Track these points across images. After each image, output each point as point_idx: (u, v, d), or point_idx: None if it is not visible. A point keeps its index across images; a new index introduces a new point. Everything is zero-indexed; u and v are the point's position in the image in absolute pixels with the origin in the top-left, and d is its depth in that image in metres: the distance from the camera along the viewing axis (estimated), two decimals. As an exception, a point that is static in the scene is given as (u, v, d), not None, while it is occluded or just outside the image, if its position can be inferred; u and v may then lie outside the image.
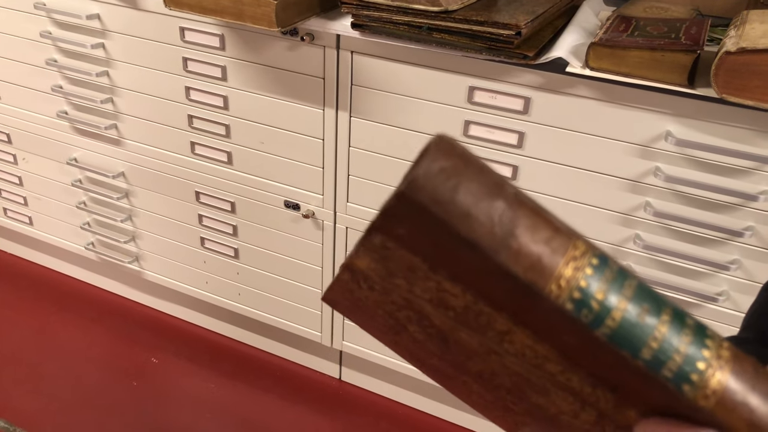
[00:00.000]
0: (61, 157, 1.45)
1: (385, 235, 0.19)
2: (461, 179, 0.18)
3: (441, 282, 0.19)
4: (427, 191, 0.17)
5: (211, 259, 1.38)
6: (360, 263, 0.20)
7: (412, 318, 0.21)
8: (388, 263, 0.19)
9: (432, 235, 0.18)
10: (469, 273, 0.18)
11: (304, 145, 1.14)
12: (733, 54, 0.79)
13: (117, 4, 1.18)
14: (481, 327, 0.19)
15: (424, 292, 0.20)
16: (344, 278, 0.21)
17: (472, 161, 0.18)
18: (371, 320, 0.23)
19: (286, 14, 0.97)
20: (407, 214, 0.18)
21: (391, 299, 0.21)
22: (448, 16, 0.91)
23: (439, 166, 0.18)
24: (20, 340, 1.52)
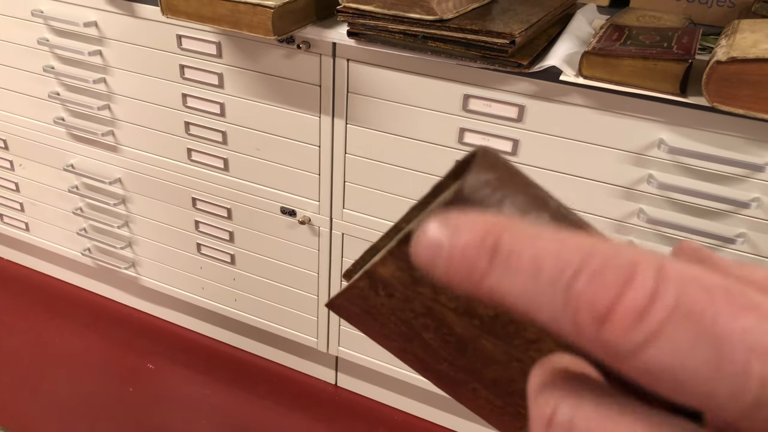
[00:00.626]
0: (57, 164, 1.45)
1: None
2: (507, 192, 0.18)
3: None
4: (473, 203, 0.18)
5: (207, 265, 1.39)
6: (384, 271, 0.20)
7: (430, 326, 0.21)
8: (416, 272, 0.19)
9: None
10: None
11: (300, 152, 1.15)
12: (724, 63, 0.80)
13: (114, 11, 1.19)
14: (509, 335, 0.20)
15: (451, 301, 0.20)
16: (361, 285, 0.21)
17: (518, 175, 0.19)
18: (381, 327, 0.23)
19: (283, 22, 0.98)
20: None
21: (411, 307, 0.21)
22: (443, 24, 0.92)
23: (485, 179, 0.18)
24: (16, 345, 1.52)
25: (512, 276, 0.14)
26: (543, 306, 0.14)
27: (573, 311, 0.14)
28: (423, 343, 0.22)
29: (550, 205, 0.19)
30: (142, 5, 1.15)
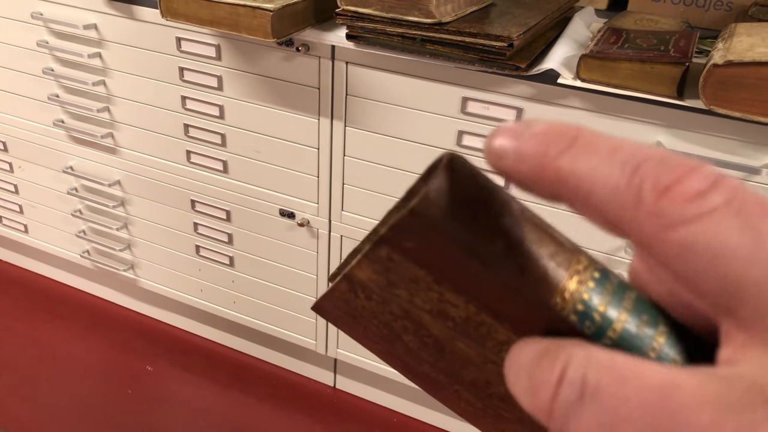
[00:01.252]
0: (57, 166, 1.45)
1: (391, 247, 0.19)
2: (473, 199, 0.18)
3: (444, 293, 0.19)
4: (437, 208, 0.18)
5: (206, 268, 1.39)
6: (361, 274, 0.20)
7: (409, 328, 0.21)
8: (391, 275, 0.20)
9: (440, 250, 0.18)
10: (475, 285, 0.19)
11: (299, 154, 1.15)
12: (720, 67, 0.80)
13: (114, 14, 1.19)
14: (481, 337, 0.20)
15: (425, 303, 0.20)
16: (341, 288, 0.21)
17: (483, 180, 0.19)
18: (364, 330, 0.23)
19: (282, 25, 0.99)
20: (418, 228, 0.18)
21: (389, 309, 0.21)
22: (442, 27, 0.92)
23: (448, 185, 0.18)
24: (15, 348, 1.52)
25: (588, 156, 0.16)
26: (609, 182, 0.15)
27: (637, 185, 0.15)
28: (404, 346, 0.22)
29: (513, 207, 0.19)
30: (142, 8, 1.15)
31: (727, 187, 0.14)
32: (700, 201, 0.14)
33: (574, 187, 0.16)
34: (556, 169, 0.16)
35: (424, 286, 0.20)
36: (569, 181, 0.16)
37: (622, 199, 0.15)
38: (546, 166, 0.16)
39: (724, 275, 0.14)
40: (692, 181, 0.14)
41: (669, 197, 0.14)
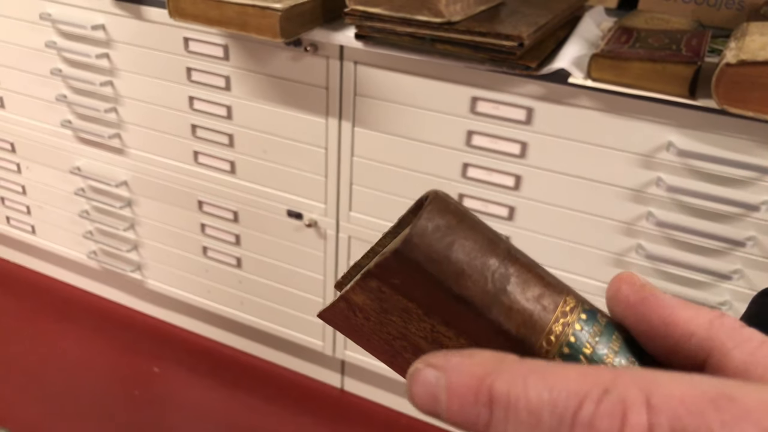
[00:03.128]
0: (64, 166, 1.45)
1: (380, 281, 0.19)
2: (456, 237, 0.18)
3: (435, 325, 0.20)
4: (421, 250, 0.18)
5: (213, 269, 1.39)
6: (356, 298, 0.21)
7: (408, 348, 0.21)
8: (383, 303, 0.20)
9: (426, 288, 0.19)
10: (463, 324, 0.19)
11: (307, 155, 1.15)
12: (734, 66, 0.79)
13: (122, 14, 1.19)
14: None
15: (419, 331, 0.20)
16: (340, 306, 0.22)
17: (467, 218, 0.19)
18: (367, 342, 0.23)
19: (290, 25, 0.98)
20: (403, 268, 0.19)
21: (387, 330, 0.21)
22: (451, 27, 0.92)
23: (435, 225, 0.18)
24: (22, 348, 1.52)
25: (515, 427, 0.15)
26: None
27: None
28: (406, 361, 0.22)
29: (500, 247, 0.19)
30: (150, 8, 1.15)
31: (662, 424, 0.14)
32: None
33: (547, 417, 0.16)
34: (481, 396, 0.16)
35: (416, 317, 0.20)
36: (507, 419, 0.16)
37: None
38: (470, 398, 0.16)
39: None
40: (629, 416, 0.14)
41: None
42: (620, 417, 0.14)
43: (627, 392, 0.15)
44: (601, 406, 0.15)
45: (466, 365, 0.16)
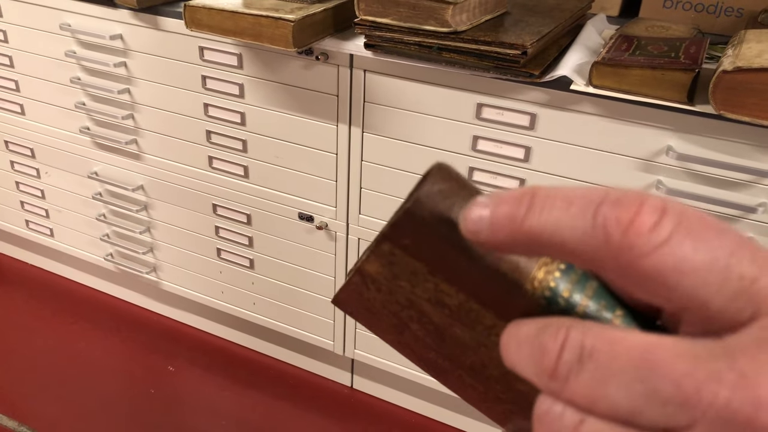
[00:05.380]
0: (82, 171, 1.50)
1: (392, 243, 0.23)
2: (456, 199, 0.22)
3: (438, 284, 0.23)
4: (428, 208, 0.22)
5: (227, 270, 1.43)
6: (370, 268, 0.24)
7: (414, 317, 0.25)
8: (394, 268, 0.23)
9: (432, 244, 0.22)
10: (462, 275, 0.22)
11: (318, 160, 1.19)
12: (730, 73, 0.82)
13: (139, 24, 1.23)
14: (472, 322, 0.23)
15: (424, 293, 0.23)
16: (355, 281, 0.25)
17: (466, 185, 0.22)
18: (378, 320, 0.26)
19: (302, 35, 1.02)
20: (412, 227, 0.22)
21: (396, 299, 0.24)
22: (457, 36, 0.95)
23: (438, 188, 0.22)
24: (42, 348, 1.56)
25: (549, 211, 0.18)
26: (576, 229, 0.18)
27: (602, 226, 0.18)
28: (412, 335, 0.25)
29: None
30: (166, 18, 1.19)
31: (674, 213, 0.18)
32: (658, 230, 0.17)
33: (548, 241, 0.19)
34: (527, 230, 0.19)
35: (422, 277, 0.23)
36: (542, 237, 0.19)
37: (592, 241, 0.18)
38: (517, 230, 0.19)
39: (691, 287, 0.17)
40: (646, 214, 0.17)
41: (633, 232, 0.17)
42: (640, 199, 0.17)
43: (646, 192, 0.18)
44: (625, 194, 0.18)
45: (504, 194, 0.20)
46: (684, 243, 0.17)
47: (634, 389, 0.17)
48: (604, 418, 0.17)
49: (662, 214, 0.17)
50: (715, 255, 0.17)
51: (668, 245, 0.17)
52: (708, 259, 0.17)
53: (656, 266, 0.17)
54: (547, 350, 0.18)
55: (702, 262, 0.17)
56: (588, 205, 0.18)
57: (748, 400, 0.15)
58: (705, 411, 0.16)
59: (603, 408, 0.17)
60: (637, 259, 0.17)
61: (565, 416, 0.18)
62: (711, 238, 0.17)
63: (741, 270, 0.17)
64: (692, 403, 0.16)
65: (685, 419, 0.16)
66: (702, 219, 0.18)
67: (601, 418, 0.17)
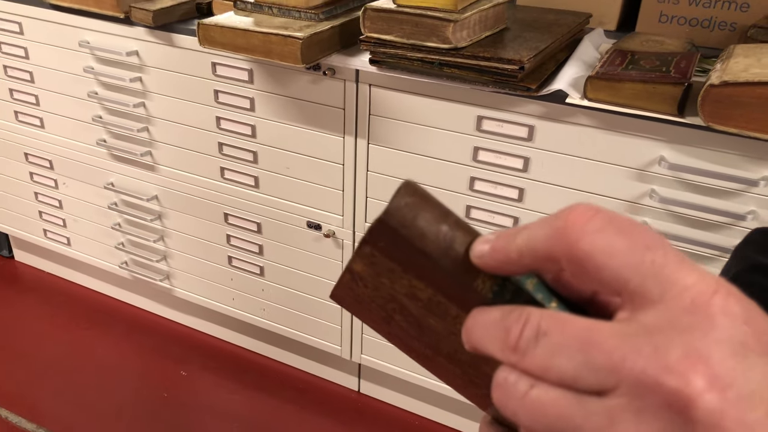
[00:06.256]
0: (98, 182, 1.55)
1: (371, 246, 0.27)
2: (419, 210, 0.26)
3: (411, 280, 0.27)
4: (396, 218, 0.26)
5: (237, 277, 1.47)
6: (356, 267, 0.28)
7: (396, 309, 0.29)
8: (375, 267, 0.28)
9: (401, 248, 0.27)
10: (427, 273, 0.27)
11: (325, 170, 1.23)
12: (717, 87, 0.86)
13: (155, 41, 1.29)
14: (441, 313, 0.28)
15: (401, 288, 0.28)
16: (346, 278, 0.29)
17: (428, 199, 0.27)
18: (369, 313, 0.30)
19: (310, 52, 1.07)
20: (385, 233, 0.27)
21: (380, 294, 0.29)
22: (458, 52, 1.00)
23: (405, 202, 0.26)
24: (59, 353, 1.61)
25: (526, 234, 0.25)
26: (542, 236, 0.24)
27: (557, 227, 0.23)
28: (398, 325, 0.30)
29: (450, 217, 0.27)
30: (181, 36, 1.25)
31: (605, 213, 0.23)
32: (592, 222, 0.22)
33: (526, 250, 0.24)
34: (513, 249, 0.24)
35: (398, 275, 0.28)
36: (522, 250, 0.24)
37: (551, 240, 0.23)
38: (507, 254, 0.25)
39: (615, 267, 0.22)
40: (585, 213, 0.23)
41: (576, 223, 0.23)
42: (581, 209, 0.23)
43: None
44: (573, 206, 0.23)
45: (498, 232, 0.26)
46: (611, 233, 0.22)
47: (577, 359, 0.21)
48: (551, 384, 0.22)
49: (596, 213, 0.23)
50: (634, 244, 0.22)
51: (599, 233, 0.22)
52: (628, 246, 0.22)
53: (590, 248, 0.22)
54: (511, 330, 0.23)
55: (623, 248, 0.22)
56: (548, 219, 0.24)
57: (658, 367, 0.20)
58: (627, 375, 0.20)
59: (552, 375, 0.22)
60: (577, 242, 0.22)
61: (519, 383, 0.22)
62: (632, 233, 0.22)
63: (653, 257, 0.22)
64: (618, 369, 0.20)
65: (612, 382, 0.21)
66: (627, 220, 0.23)
67: (549, 384, 0.22)
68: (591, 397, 0.21)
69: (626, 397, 0.20)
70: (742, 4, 1.18)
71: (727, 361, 0.20)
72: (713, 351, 0.20)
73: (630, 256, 0.22)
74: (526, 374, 0.22)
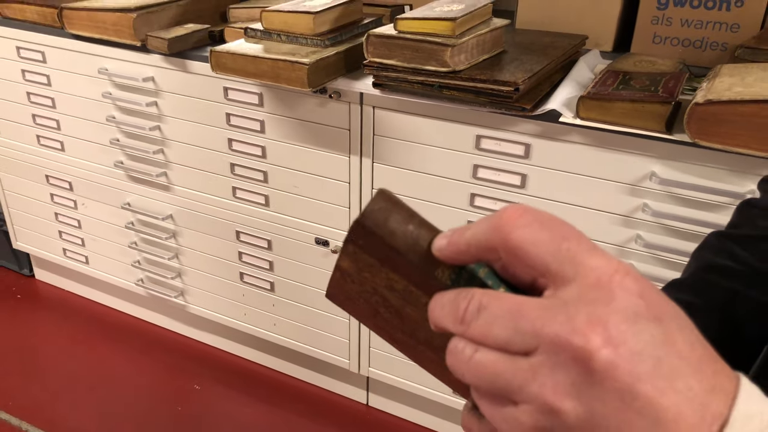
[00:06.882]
0: (116, 202, 1.61)
1: (353, 244, 0.32)
2: (390, 213, 0.31)
3: (387, 273, 0.32)
4: (371, 219, 0.31)
5: (249, 293, 1.52)
6: (343, 264, 0.33)
7: (379, 301, 0.33)
8: (358, 263, 0.32)
9: (377, 245, 0.31)
10: (400, 266, 0.31)
11: (332, 188, 1.29)
12: (701, 105, 0.90)
13: (170, 68, 1.35)
14: (415, 302, 0.32)
15: (381, 281, 0.32)
16: (336, 276, 0.34)
17: (398, 204, 0.32)
18: (357, 307, 0.34)
19: (317, 76, 1.13)
20: (362, 232, 0.31)
21: (365, 288, 0.33)
22: (456, 75, 1.05)
23: (378, 206, 0.31)
24: (77, 368, 1.67)
25: (472, 230, 0.29)
26: (483, 231, 0.29)
27: (494, 224, 0.28)
28: (382, 317, 0.34)
29: (415, 218, 0.32)
30: (194, 62, 1.31)
31: (532, 211, 0.28)
32: (521, 218, 0.27)
33: (473, 242, 0.29)
34: (464, 242, 0.29)
35: (376, 269, 0.32)
36: (470, 243, 0.29)
37: (490, 234, 0.28)
38: (459, 247, 0.29)
39: (540, 254, 0.27)
40: (516, 211, 0.28)
41: (509, 220, 0.28)
42: (512, 208, 0.28)
43: None
44: (506, 207, 0.28)
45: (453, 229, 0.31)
46: (536, 227, 0.27)
47: (509, 327, 0.26)
48: (490, 348, 0.27)
49: (525, 211, 0.28)
50: (554, 235, 0.27)
51: (526, 227, 0.27)
52: (549, 237, 0.27)
53: (519, 239, 0.27)
54: (459, 306, 0.28)
55: (545, 239, 0.27)
56: (489, 218, 0.29)
57: (567, 330, 0.25)
58: (545, 338, 0.25)
59: (490, 340, 0.27)
60: (509, 234, 0.27)
61: (466, 348, 0.28)
62: (553, 227, 0.27)
63: (569, 245, 0.27)
64: (538, 333, 0.25)
65: (535, 344, 0.26)
66: (550, 216, 0.28)
67: (488, 347, 0.27)
68: (520, 357, 0.26)
69: (545, 354, 0.25)
70: (733, 25, 1.22)
71: (621, 325, 0.24)
72: (610, 318, 0.25)
73: (550, 245, 0.27)
74: (472, 342, 0.27)
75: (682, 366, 0.24)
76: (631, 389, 0.24)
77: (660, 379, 0.24)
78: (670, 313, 0.26)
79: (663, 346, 0.24)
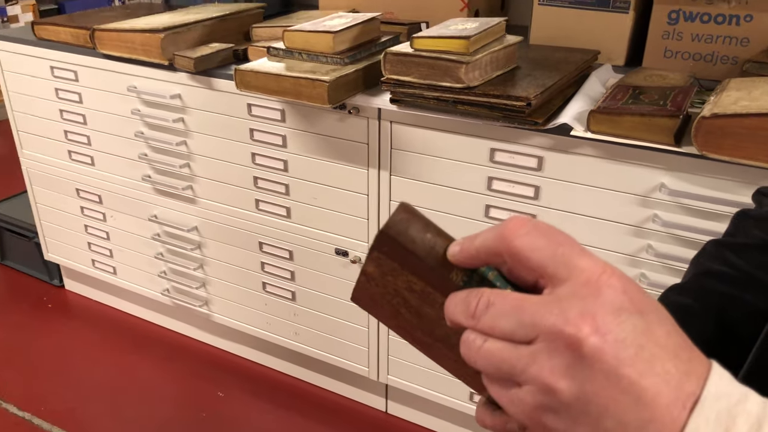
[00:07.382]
0: (143, 215, 1.67)
1: (378, 251, 0.36)
2: (410, 223, 0.35)
3: (408, 276, 0.36)
4: (394, 229, 0.35)
5: (271, 302, 1.57)
6: (369, 269, 0.37)
7: (400, 302, 0.37)
8: (381, 267, 0.36)
9: (399, 251, 0.35)
10: (418, 270, 0.35)
11: (351, 200, 1.33)
12: (708, 118, 0.93)
13: (196, 85, 1.41)
14: (432, 302, 0.36)
15: (402, 283, 0.36)
16: (361, 280, 0.37)
17: (417, 215, 0.36)
18: (381, 309, 0.38)
19: (336, 93, 1.17)
20: (386, 240, 0.36)
21: (387, 290, 0.37)
22: (470, 91, 1.09)
23: (400, 217, 0.35)
24: (105, 376, 1.72)
25: (479, 240, 0.34)
26: (490, 239, 0.33)
27: (499, 233, 0.33)
28: (403, 318, 0.38)
29: (433, 228, 0.36)
30: (219, 80, 1.37)
31: (532, 221, 0.32)
32: (523, 227, 0.32)
33: (482, 249, 0.33)
34: (474, 248, 0.34)
35: (398, 272, 0.36)
36: (480, 250, 0.33)
37: (495, 241, 0.33)
38: (469, 252, 0.34)
39: (538, 258, 0.31)
40: (518, 221, 0.32)
41: (512, 228, 0.32)
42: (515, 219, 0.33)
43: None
44: (510, 218, 0.33)
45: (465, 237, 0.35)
46: (535, 235, 0.32)
47: (512, 320, 0.31)
48: (497, 338, 0.31)
49: (526, 221, 0.32)
50: (550, 242, 0.31)
51: (527, 235, 0.32)
52: (546, 244, 0.31)
53: (521, 245, 0.32)
54: (470, 303, 0.33)
55: (543, 245, 0.31)
56: (496, 227, 0.33)
57: (562, 321, 0.29)
58: (543, 328, 0.29)
59: (497, 332, 0.31)
60: (512, 241, 0.32)
61: (477, 339, 0.32)
62: (549, 235, 0.31)
63: (563, 251, 0.31)
64: (537, 325, 0.30)
65: (534, 334, 0.30)
66: (548, 226, 0.32)
67: (495, 338, 0.31)
68: (522, 345, 0.30)
69: (543, 342, 0.29)
70: (743, 39, 1.25)
71: (607, 317, 0.29)
72: (598, 311, 0.29)
73: (547, 250, 0.31)
74: (481, 334, 0.32)
75: (661, 352, 0.28)
76: (616, 371, 0.28)
77: (641, 363, 0.28)
78: (651, 307, 0.30)
79: (644, 335, 0.29)
